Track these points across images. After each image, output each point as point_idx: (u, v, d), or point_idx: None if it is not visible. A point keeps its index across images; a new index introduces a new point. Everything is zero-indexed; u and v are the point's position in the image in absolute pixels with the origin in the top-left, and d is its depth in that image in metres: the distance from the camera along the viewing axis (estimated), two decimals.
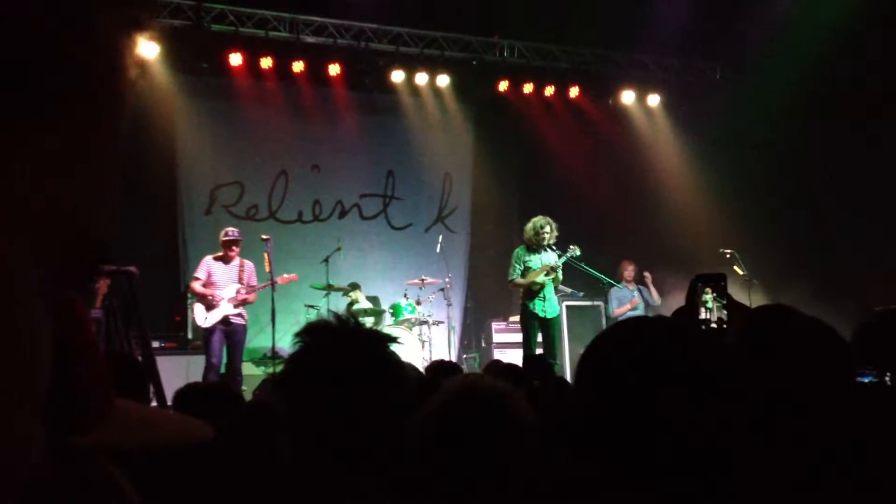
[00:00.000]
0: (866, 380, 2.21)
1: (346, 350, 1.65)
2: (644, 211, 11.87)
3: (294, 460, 1.64)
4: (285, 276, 9.03)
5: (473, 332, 12.17)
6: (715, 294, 2.23)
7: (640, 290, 10.82)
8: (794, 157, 10.95)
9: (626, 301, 10.75)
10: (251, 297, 8.69)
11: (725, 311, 2.21)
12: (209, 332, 8.50)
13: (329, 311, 2.10)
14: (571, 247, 8.81)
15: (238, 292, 8.57)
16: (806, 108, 10.47)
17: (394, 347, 1.73)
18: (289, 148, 11.59)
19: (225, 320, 8.51)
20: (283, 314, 8.49)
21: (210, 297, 8.53)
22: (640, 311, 10.75)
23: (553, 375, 4.59)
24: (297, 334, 1.69)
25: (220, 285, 8.59)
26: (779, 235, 10.64)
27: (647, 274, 10.83)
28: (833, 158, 10.47)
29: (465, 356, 11.55)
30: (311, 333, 1.69)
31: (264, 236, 8.74)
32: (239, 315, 8.60)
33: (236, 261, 8.66)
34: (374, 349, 1.69)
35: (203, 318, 8.56)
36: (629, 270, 10.77)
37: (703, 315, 2.24)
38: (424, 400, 1.64)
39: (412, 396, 1.65)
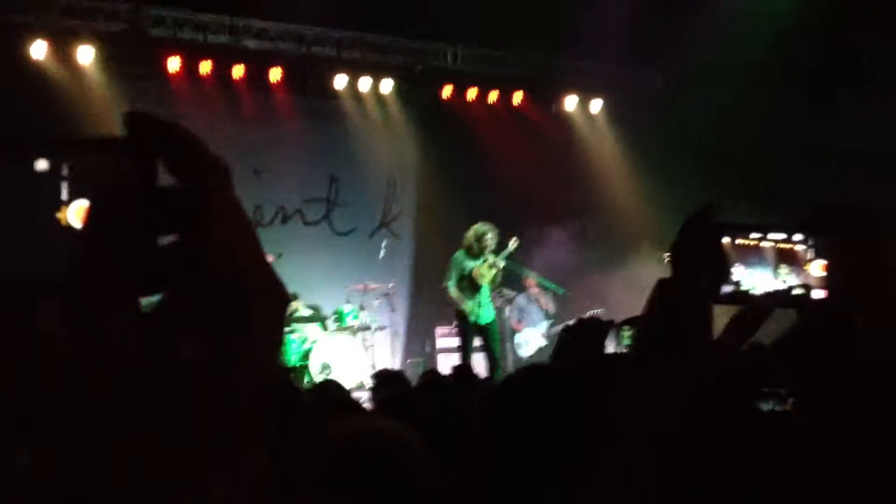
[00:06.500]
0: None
1: None
2: (588, 217, 11.97)
3: None
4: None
5: (418, 337, 12.15)
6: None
7: (538, 301, 10.93)
8: (735, 165, 11.12)
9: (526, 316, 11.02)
10: None
11: None
12: None
13: None
14: (512, 240, 8.85)
15: None
16: (747, 116, 10.65)
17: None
18: (230, 153, 11.16)
19: None
20: None
21: None
22: (538, 328, 10.90)
23: (478, 386, 4.54)
24: None
25: None
26: None
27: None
28: (774, 166, 10.65)
29: (409, 361, 11.54)
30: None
31: None
32: None
33: None
34: None
35: None
36: (531, 279, 10.79)
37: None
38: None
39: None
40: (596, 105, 13.00)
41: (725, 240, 1.28)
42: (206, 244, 0.53)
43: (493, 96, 12.54)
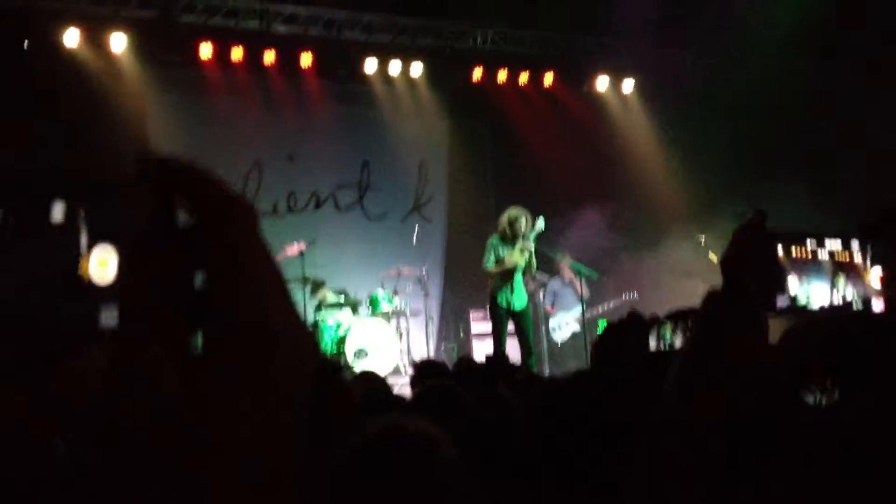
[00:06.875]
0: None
1: None
2: (620, 199, 11.88)
3: None
4: (295, 245, 9.07)
5: (452, 321, 12.15)
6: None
7: (572, 286, 10.85)
8: (768, 143, 10.97)
9: (559, 301, 10.99)
10: None
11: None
12: None
13: None
14: (538, 219, 8.74)
15: None
16: (779, 94, 10.50)
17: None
18: (262, 139, 11.46)
19: None
20: None
21: None
22: (571, 312, 10.81)
23: (516, 375, 4.50)
24: None
25: None
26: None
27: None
28: (805, 145, 10.49)
29: (443, 345, 11.55)
30: None
31: None
32: None
33: None
34: None
35: None
36: (564, 263, 10.72)
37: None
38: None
39: None
40: (628, 85, 12.88)
41: (779, 251, 1.24)
42: (230, 284, 0.52)
43: (523, 78, 12.45)
